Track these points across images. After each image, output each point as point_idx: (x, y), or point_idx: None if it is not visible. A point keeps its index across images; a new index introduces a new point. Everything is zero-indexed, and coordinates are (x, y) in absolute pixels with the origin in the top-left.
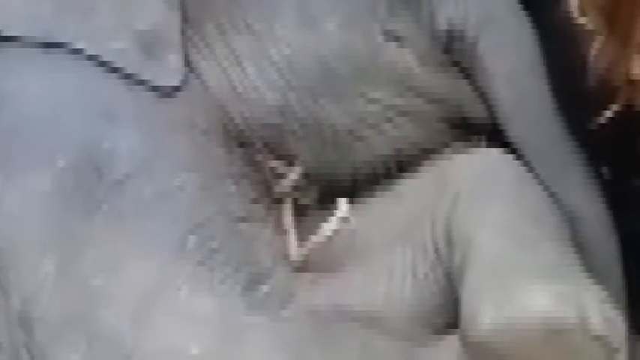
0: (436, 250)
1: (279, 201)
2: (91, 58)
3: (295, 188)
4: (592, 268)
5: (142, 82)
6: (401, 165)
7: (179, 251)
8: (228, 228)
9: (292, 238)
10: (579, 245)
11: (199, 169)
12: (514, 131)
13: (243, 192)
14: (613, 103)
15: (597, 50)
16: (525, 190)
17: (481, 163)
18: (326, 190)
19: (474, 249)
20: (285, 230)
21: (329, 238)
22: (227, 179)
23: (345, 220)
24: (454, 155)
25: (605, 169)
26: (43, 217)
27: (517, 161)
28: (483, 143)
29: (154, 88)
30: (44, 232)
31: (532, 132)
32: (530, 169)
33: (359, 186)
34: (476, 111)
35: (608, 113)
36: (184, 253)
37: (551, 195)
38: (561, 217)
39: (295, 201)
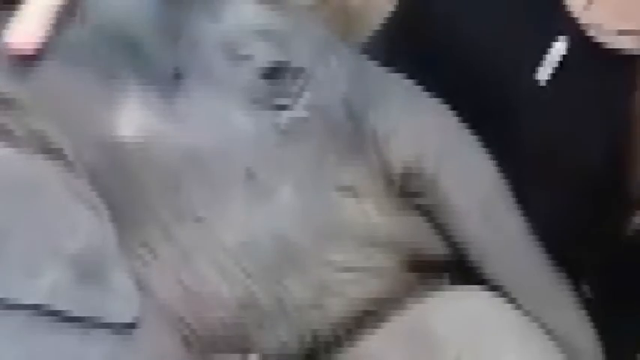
0: None
1: None
2: (20, 307)
3: None
4: None
5: (91, 321)
6: (360, 323)
7: None
8: None
9: None
10: None
11: None
12: (491, 267)
13: None
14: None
15: None
16: (528, 333)
17: (471, 310)
18: None
19: None
20: None
21: None
22: None
23: None
24: (429, 303)
25: (586, 288)
26: None
27: (504, 300)
28: (447, 281)
29: (109, 326)
30: None
31: (511, 265)
32: (514, 302)
33: (316, 355)
34: (437, 249)
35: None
36: None
37: (543, 327)
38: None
39: None
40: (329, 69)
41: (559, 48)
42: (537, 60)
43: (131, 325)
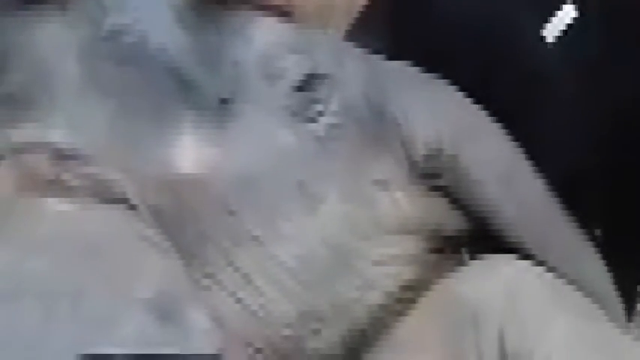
0: None
1: None
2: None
3: None
4: None
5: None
6: (395, 311)
7: None
8: None
9: None
10: None
11: None
12: (515, 231)
13: None
14: None
15: None
16: (565, 294)
17: (502, 277)
18: None
19: None
20: None
21: None
22: None
23: None
24: (457, 277)
25: (598, 232)
26: None
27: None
28: (466, 255)
29: None
30: None
31: (535, 226)
32: (539, 263)
33: (356, 350)
34: (457, 225)
35: None
36: None
37: (570, 282)
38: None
39: None
40: (346, 71)
41: (567, 12)
42: (544, 18)
43: (215, 358)
